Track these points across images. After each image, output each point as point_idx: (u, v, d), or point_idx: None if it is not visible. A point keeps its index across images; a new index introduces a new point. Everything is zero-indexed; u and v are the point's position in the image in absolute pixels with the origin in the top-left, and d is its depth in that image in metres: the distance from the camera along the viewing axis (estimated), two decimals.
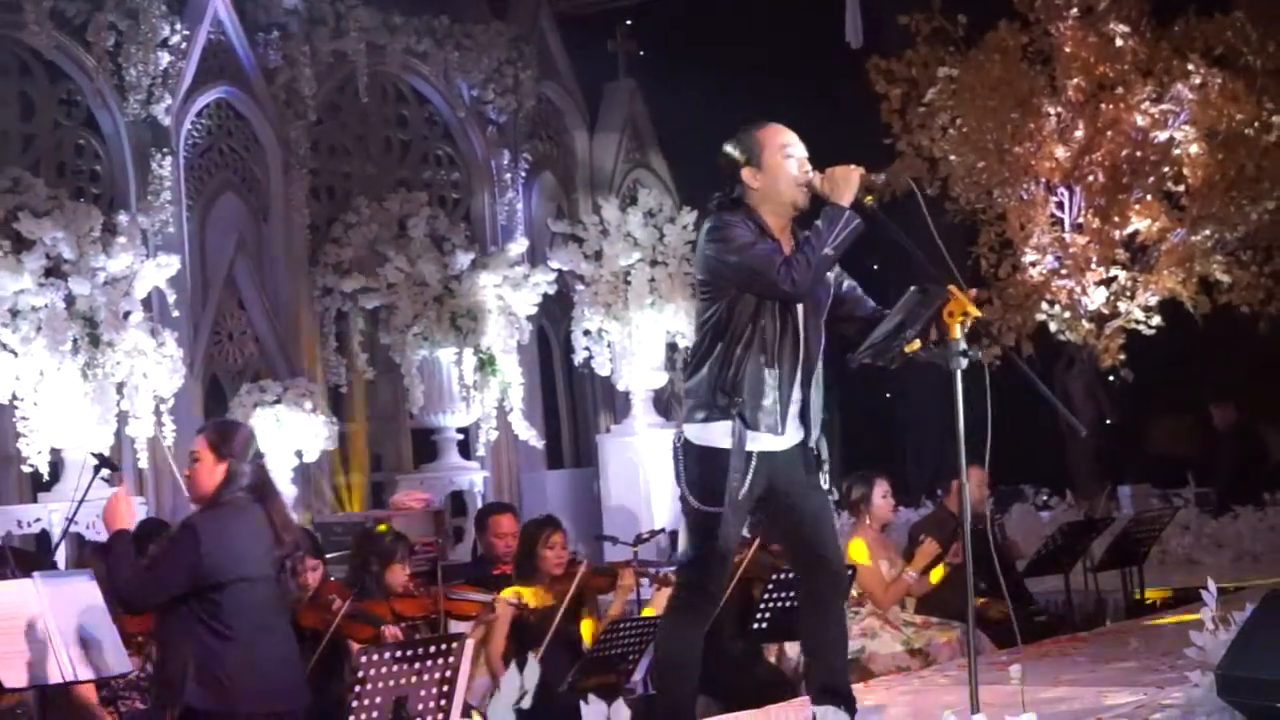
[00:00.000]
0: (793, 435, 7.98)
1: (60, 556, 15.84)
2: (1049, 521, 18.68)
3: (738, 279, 7.85)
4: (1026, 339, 20.95)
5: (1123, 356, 21.02)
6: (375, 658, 8.87)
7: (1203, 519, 19.28)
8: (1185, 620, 8.50)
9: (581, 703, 5.81)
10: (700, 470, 7.83)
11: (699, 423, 7.96)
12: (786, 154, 7.85)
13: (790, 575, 11.34)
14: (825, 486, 8.17)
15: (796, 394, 7.93)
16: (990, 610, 12.26)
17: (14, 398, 17.25)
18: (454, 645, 9.14)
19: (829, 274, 7.97)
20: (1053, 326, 21.15)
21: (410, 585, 11.61)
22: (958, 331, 7.46)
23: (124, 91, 18.90)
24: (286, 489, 19.39)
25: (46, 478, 17.53)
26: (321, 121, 21.36)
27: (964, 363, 7.45)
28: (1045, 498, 20.81)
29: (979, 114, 20.82)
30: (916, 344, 7.63)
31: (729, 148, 7.93)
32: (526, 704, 5.78)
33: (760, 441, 7.85)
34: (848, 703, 7.79)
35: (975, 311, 7.50)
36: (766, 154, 7.83)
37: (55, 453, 17.38)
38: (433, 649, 9.07)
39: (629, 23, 23.77)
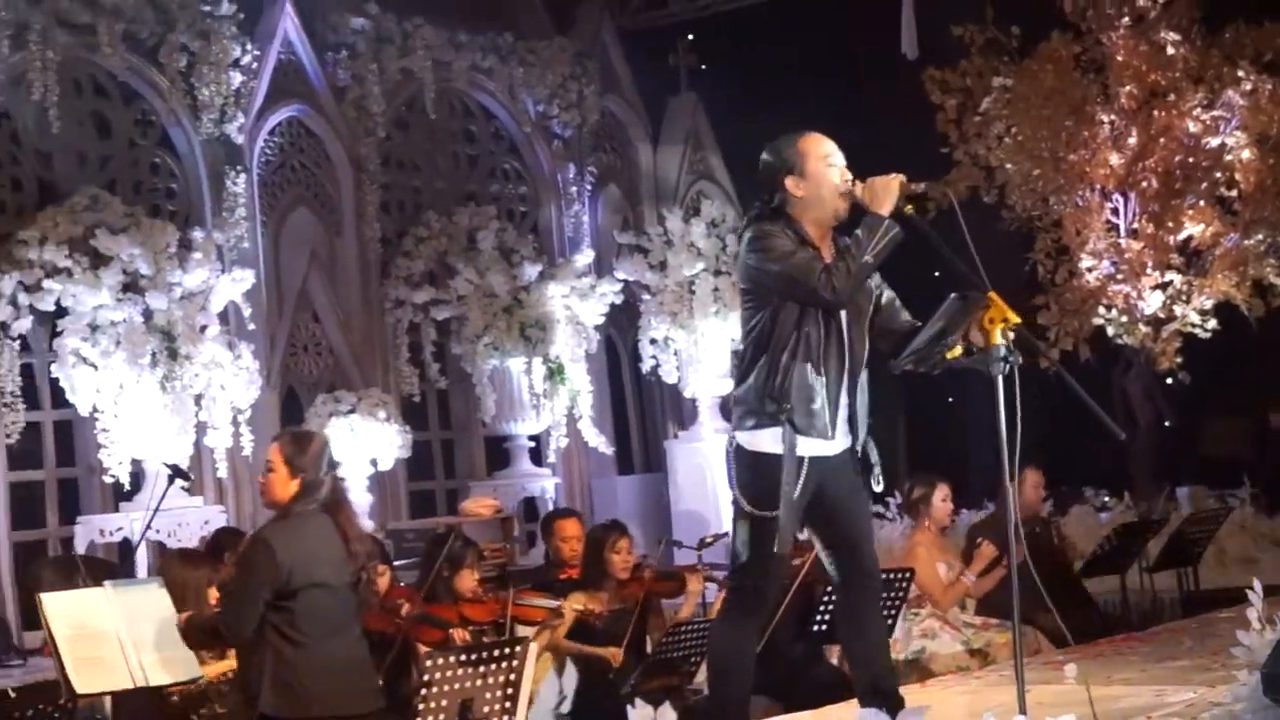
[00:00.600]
0: (841, 440, 7.92)
1: (141, 564, 15.96)
2: (1107, 522, 18.51)
3: (779, 287, 7.78)
4: (1084, 343, 20.85)
5: (1179, 359, 20.89)
6: (441, 661, 8.86)
7: (1258, 519, 19.13)
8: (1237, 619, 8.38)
9: (629, 706, 5.77)
10: (752, 476, 7.78)
11: (749, 429, 7.90)
12: (829, 163, 7.77)
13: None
14: (878, 488, 8.10)
15: (844, 399, 7.87)
16: (1040, 618, 12.18)
17: (95, 410, 17.30)
18: (518, 649, 9.13)
19: (870, 282, 7.90)
20: (1110, 330, 21.03)
21: (479, 590, 11.57)
22: (998, 337, 7.38)
23: (197, 111, 18.93)
24: (361, 497, 19.43)
25: (127, 488, 17.56)
26: (390, 137, 21.35)
27: (1005, 368, 7.36)
28: (1104, 499, 20.67)
29: (1034, 123, 20.73)
30: (958, 349, 7.55)
31: (770, 156, 7.86)
32: (566, 708, 5.75)
33: (810, 446, 7.79)
34: (891, 703, 7.70)
35: (1014, 318, 7.41)
36: (809, 162, 7.75)
37: (135, 463, 17.40)
38: (497, 652, 9.05)
39: (690, 37, 23.73)
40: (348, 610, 8.43)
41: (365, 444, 19.36)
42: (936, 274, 7.58)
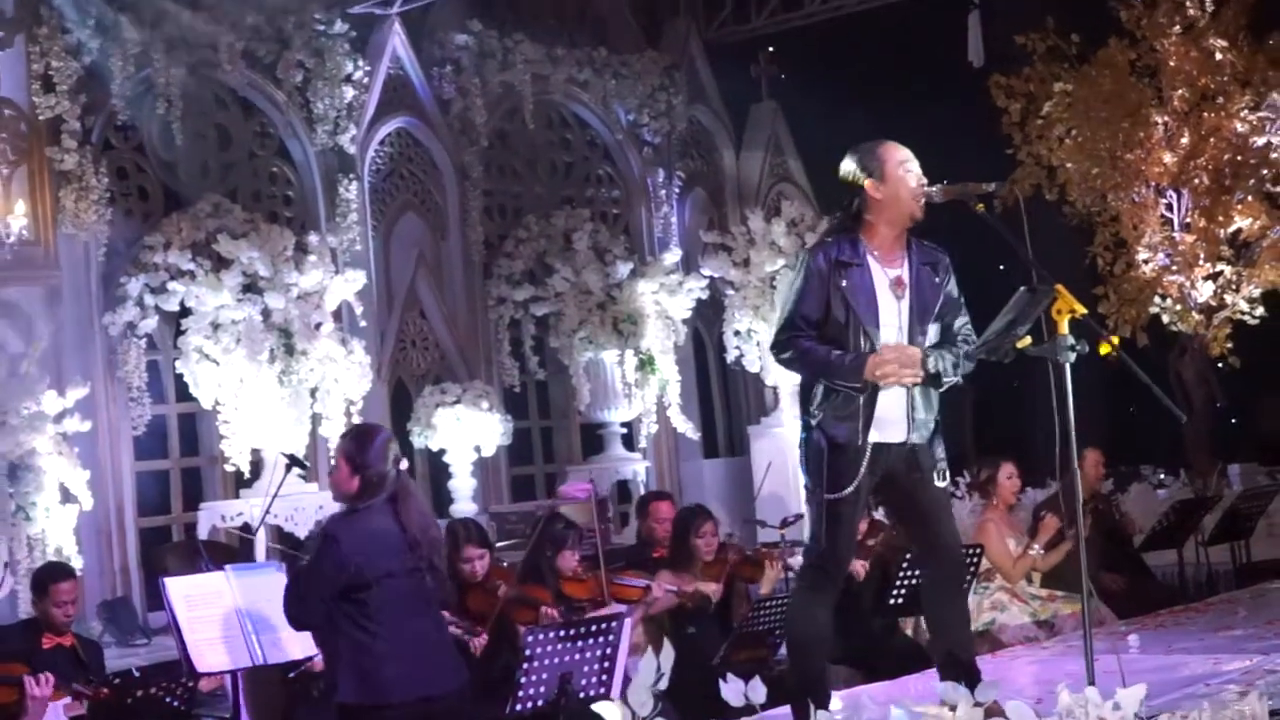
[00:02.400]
0: (906, 429, 7.78)
1: (260, 548, 15.95)
2: (1165, 499, 18.31)
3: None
4: (1141, 330, 20.72)
5: (1230, 345, 20.75)
6: (541, 637, 8.75)
7: None
8: None
9: (720, 681, 5.62)
10: (822, 462, 7.65)
11: (818, 418, 7.77)
12: (906, 169, 7.67)
13: None
14: (941, 483, 7.95)
15: (906, 390, 7.72)
16: (1107, 582, 12.04)
17: (216, 403, 17.34)
18: (614, 624, 9.01)
19: (938, 279, 7.75)
20: (1165, 318, 20.90)
21: (579, 569, 11.47)
22: (1065, 327, 7.25)
23: (312, 123, 18.97)
24: (465, 482, 19.45)
25: (247, 476, 17.57)
26: (492, 146, 21.36)
27: (1072, 356, 7.24)
28: (1161, 477, 20.50)
29: (1092, 124, 20.63)
30: (1028, 340, 7.42)
31: (851, 163, 7.75)
32: (663, 685, 5.62)
33: (876, 434, 7.67)
34: (970, 675, 7.54)
35: (1081, 309, 7.28)
36: (888, 168, 7.64)
37: (255, 453, 17.42)
38: (595, 628, 8.95)
39: (770, 49, 23.63)
40: (421, 596, 8.23)
41: (469, 432, 19.38)
42: (1002, 267, 7.43)
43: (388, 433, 8.52)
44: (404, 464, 8.31)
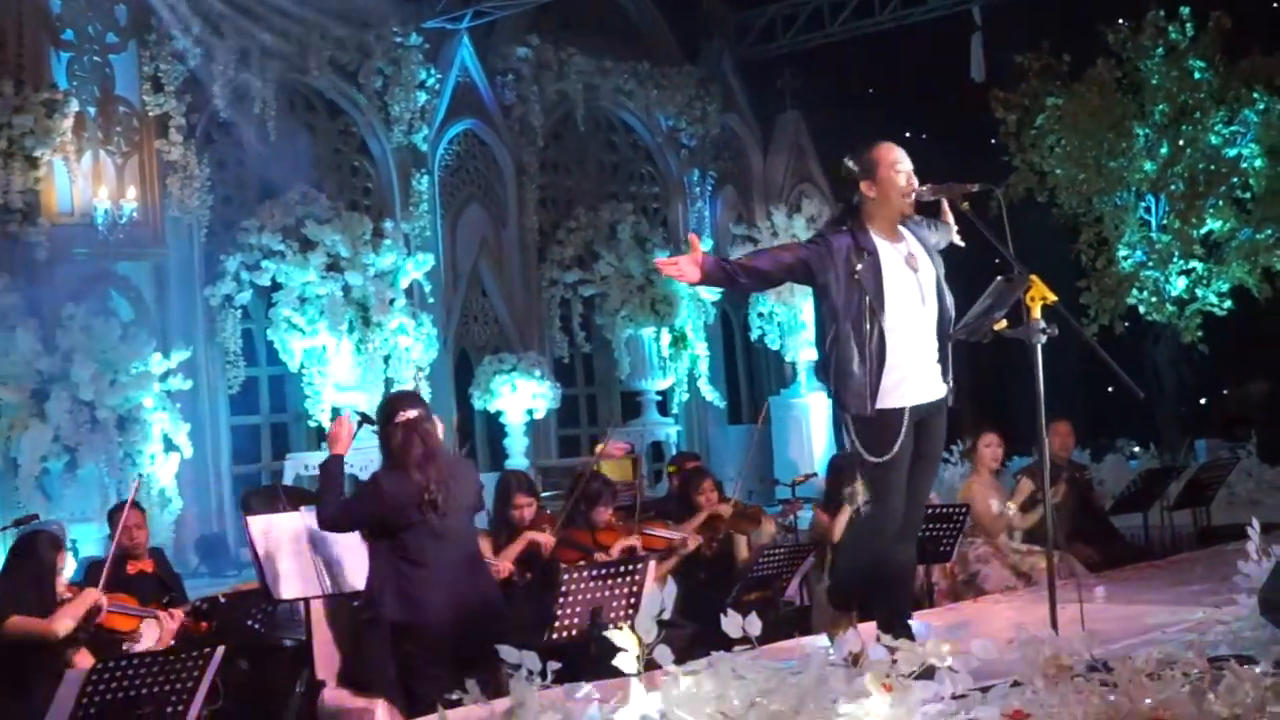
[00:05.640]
0: (938, 386, 7.56)
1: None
2: (1136, 469, 18.24)
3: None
4: (1119, 319, 20.62)
5: (1200, 334, 20.61)
6: (577, 575, 8.78)
7: (1263, 468, 18.73)
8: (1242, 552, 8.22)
9: (721, 615, 5.63)
10: (864, 427, 7.41)
11: (839, 394, 7.53)
12: (896, 169, 7.47)
13: (941, 509, 11.09)
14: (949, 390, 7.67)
15: (934, 348, 7.48)
16: (1081, 553, 11.99)
17: (302, 367, 17.43)
18: (639, 566, 9.03)
19: (934, 247, 7.58)
20: (1141, 309, 20.77)
21: (613, 520, 11.45)
22: (1037, 312, 7.17)
23: (390, 124, 19.02)
24: (519, 440, 19.50)
25: (328, 430, 17.57)
26: (547, 146, 21.37)
27: (1043, 339, 7.16)
28: (1134, 449, 20.44)
29: (1080, 135, 20.48)
30: (1004, 323, 7.32)
31: (849, 163, 7.61)
32: (667, 616, 5.63)
33: (910, 395, 7.43)
34: (905, 628, 7.31)
35: (1052, 296, 7.19)
36: (880, 169, 7.46)
37: (335, 411, 17.44)
38: (623, 569, 8.97)
39: (794, 65, 23.59)
40: (455, 537, 8.25)
41: (523, 397, 19.45)
42: (996, 260, 7.35)
43: (392, 396, 8.60)
44: (438, 429, 8.35)
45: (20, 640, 8.44)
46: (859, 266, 7.30)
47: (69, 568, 9.11)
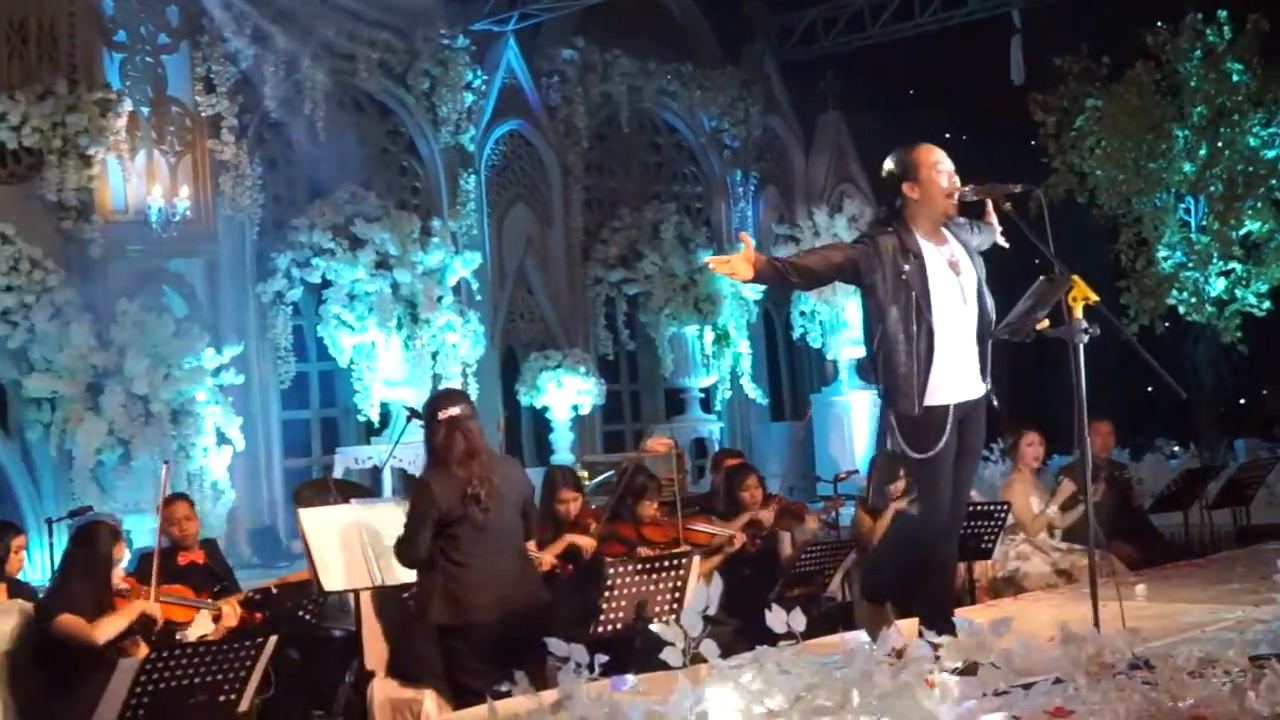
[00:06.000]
0: (978, 385, 7.53)
1: (386, 487, 16.06)
2: (1176, 468, 18.14)
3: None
4: (1159, 319, 20.56)
5: (1239, 334, 20.54)
6: (623, 569, 8.76)
7: None
8: None
9: (766, 610, 5.61)
10: (909, 424, 7.38)
11: (887, 392, 7.49)
12: (938, 170, 7.42)
13: (982, 506, 11.03)
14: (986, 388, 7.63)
15: (974, 349, 7.46)
16: (1121, 551, 11.92)
17: (351, 363, 17.46)
18: (684, 561, 9.01)
19: (975, 250, 7.53)
20: (1181, 310, 20.72)
21: (658, 515, 11.41)
22: (1079, 313, 7.12)
23: (437, 124, 19.05)
24: (564, 435, 19.51)
25: (376, 425, 17.67)
26: (592, 147, 21.39)
27: (1085, 339, 7.10)
28: (1174, 448, 20.35)
29: (1120, 137, 20.44)
30: (1046, 323, 7.27)
31: (891, 164, 7.53)
32: (712, 611, 5.62)
33: (952, 394, 7.40)
34: (948, 623, 7.27)
35: (1094, 297, 7.13)
36: (922, 170, 7.40)
37: (383, 406, 17.53)
38: (669, 564, 8.94)
39: (835, 67, 23.57)
40: (500, 532, 8.25)
41: (568, 393, 19.49)
42: (1037, 261, 7.30)
43: (434, 396, 8.59)
44: (464, 420, 8.31)
45: (66, 639, 8.44)
46: (906, 268, 7.28)
47: (124, 559, 9.10)
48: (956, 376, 7.38)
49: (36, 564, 13.72)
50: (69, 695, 8.31)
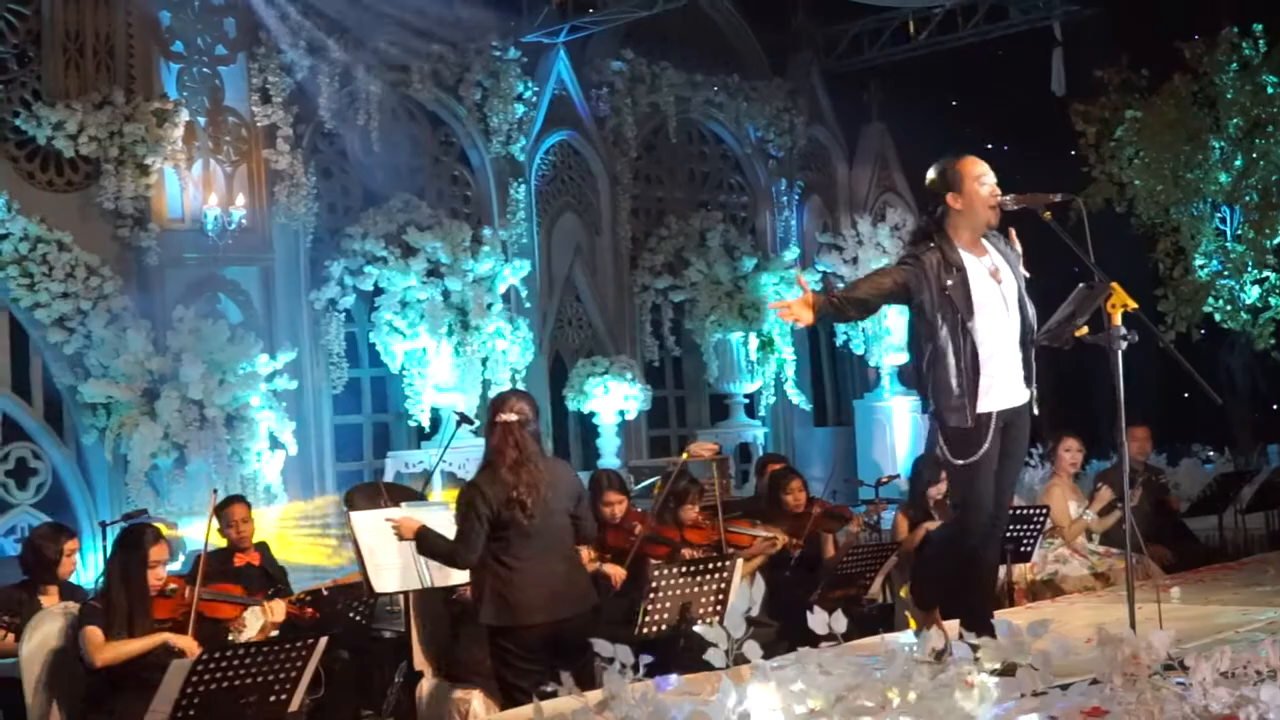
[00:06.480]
0: (1021, 391, 7.49)
1: (437, 489, 16.06)
2: (1211, 472, 18.05)
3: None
4: (1195, 327, 20.51)
5: (1273, 341, 20.47)
6: (667, 571, 8.76)
7: None
8: None
9: (807, 611, 5.60)
10: (954, 432, 7.36)
11: (935, 405, 7.47)
12: (981, 182, 7.41)
13: (1022, 510, 10.98)
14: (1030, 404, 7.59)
15: (1017, 356, 7.43)
16: (1156, 554, 11.86)
17: (403, 369, 17.49)
18: (727, 564, 9.00)
19: (1015, 260, 7.50)
20: (1217, 317, 20.64)
21: (700, 518, 11.39)
22: (1118, 319, 7.08)
23: (489, 134, 19.08)
24: (611, 440, 19.52)
25: (427, 430, 17.71)
26: (640, 157, 21.40)
27: (1124, 345, 7.06)
28: (1209, 453, 20.24)
29: (1158, 147, 20.37)
30: (1085, 329, 7.23)
31: (934, 175, 7.51)
32: (755, 612, 5.61)
33: (996, 401, 7.37)
34: (987, 626, 7.25)
35: (1132, 304, 7.10)
36: (966, 182, 7.39)
37: (434, 411, 17.57)
38: (712, 566, 8.94)
39: (880, 78, 23.55)
40: (549, 536, 8.23)
41: (615, 398, 19.47)
42: (1076, 269, 7.27)
43: (494, 399, 8.57)
44: (522, 425, 8.29)
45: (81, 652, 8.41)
46: (948, 282, 7.27)
47: (166, 559, 9.06)
48: (1001, 384, 7.37)
49: (90, 567, 13.80)
50: (102, 708, 8.30)
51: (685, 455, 11.53)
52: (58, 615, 8.69)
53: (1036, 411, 7.57)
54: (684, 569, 8.86)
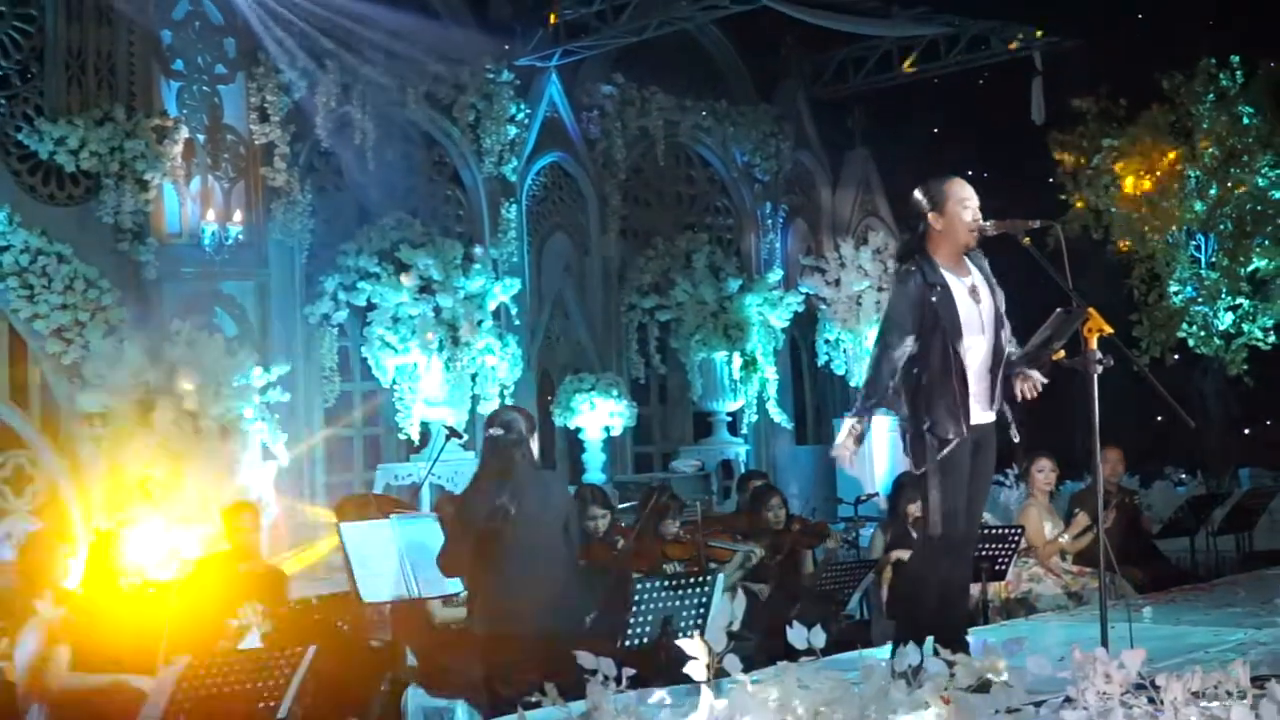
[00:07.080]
0: (986, 412, 7.47)
1: (425, 502, 16.03)
2: (1183, 495, 18.06)
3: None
4: (1169, 352, 20.56)
5: (1245, 366, 20.53)
6: (649, 585, 8.73)
7: None
8: None
9: (787, 626, 5.58)
10: (926, 449, 7.34)
11: (929, 423, 7.45)
12: (964, 205, 7.41)
13: (998, 529, 10.98)
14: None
15: (986, 377, 7.41)
16: (1130, 574, 11.85)
17: (394, 383, 17.45)
18: (708, 578, 8.98)
19: (995, 283, 7.49)
20: (1190, 342, 20.72)
21: (680, 533, 11.38)
22: (1094, 344, 7.08)
23: (481, 155, 19.08)
24: (596, 455, 19.50)
25: (416, 443, 17.67)
26: (629, 179, 21.41)
27: (1099, 369, 7.06)
28: (1181, 476, 20.27)
29: (1135, 176, 20.43)
30: (1062, 353, 7.23)
31: (919, 194, 7.53)
32: (735, 627, 5.59)
33: (971, 417, 7.33)
34: (962, 642, 7.23)
35: (1108, 329, 7.09)
36: (949, 203, 7.40)
37: (423, 425, 17.52)
38: (692, 580, 8.91)
39: (863, 106, 23.60)
40: (538, 548, 8.21)
41: (601, 415, 19.44)
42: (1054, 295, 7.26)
43: (490, 416, 8.56)
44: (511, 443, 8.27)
45: None
46: (932, 299, 7.27)
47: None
48: (974, 400, 7.37)
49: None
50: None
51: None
52: (49, 620, 8.66)
53: (1017, 438, 7.56)
54: (666, 583, 8.83)
